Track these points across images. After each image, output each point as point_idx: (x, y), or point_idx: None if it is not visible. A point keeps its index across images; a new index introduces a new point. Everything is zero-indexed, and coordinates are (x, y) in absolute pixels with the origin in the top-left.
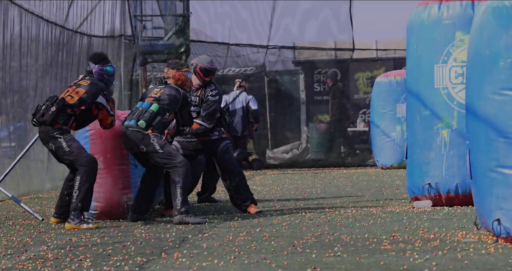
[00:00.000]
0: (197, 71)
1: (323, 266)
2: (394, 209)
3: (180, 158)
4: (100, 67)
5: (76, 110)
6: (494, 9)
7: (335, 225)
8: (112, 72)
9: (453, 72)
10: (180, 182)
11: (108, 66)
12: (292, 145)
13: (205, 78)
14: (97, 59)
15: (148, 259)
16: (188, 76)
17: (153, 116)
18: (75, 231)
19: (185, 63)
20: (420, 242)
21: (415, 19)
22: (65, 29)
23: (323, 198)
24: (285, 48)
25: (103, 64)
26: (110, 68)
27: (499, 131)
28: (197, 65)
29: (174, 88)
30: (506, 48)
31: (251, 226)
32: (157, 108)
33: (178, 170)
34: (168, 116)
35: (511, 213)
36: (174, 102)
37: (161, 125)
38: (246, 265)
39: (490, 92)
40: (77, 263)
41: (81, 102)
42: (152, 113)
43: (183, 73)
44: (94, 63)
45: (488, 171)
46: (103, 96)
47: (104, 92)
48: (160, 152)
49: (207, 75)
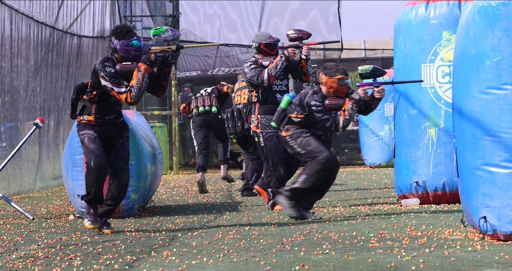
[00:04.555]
0: (263, 49)
1: (312, 263)
2: (382, 207)
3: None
4: (124, 42)
5: (89, 95)
6: (480, 8)
7: (324, 223)
8: (140, 46)
9: (440, 71)
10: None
11: (135, 40)
12: None
13: (272, 52)
14: (120, 34)
15: (138, 257)
16: (343, 83)
17: (280, 113)
18: (65, 230)
19: (342, 68)
20: (408, 239)
21: (403, 19)
22: (55, 29)
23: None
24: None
25: (127, 39)
26: (136, 42)
27: (485, 130)
28: (260, 43)
29: (312, 93)
30: (492, 48)
31: (240, 225)
32: (286, 104)
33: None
34: (296, 116)
35: (497, 211)
36: (298, 105)
37: (289, 121)
38: (235, 263)
39: (477, 91)
40: (67, 262)
41: (91, 88)
42: (280, 109)
43: (336, 80)
44: (117, 39)
45: (474, 169)
46: (103, 79)
47: (101, 75)
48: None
49: (272, 50)
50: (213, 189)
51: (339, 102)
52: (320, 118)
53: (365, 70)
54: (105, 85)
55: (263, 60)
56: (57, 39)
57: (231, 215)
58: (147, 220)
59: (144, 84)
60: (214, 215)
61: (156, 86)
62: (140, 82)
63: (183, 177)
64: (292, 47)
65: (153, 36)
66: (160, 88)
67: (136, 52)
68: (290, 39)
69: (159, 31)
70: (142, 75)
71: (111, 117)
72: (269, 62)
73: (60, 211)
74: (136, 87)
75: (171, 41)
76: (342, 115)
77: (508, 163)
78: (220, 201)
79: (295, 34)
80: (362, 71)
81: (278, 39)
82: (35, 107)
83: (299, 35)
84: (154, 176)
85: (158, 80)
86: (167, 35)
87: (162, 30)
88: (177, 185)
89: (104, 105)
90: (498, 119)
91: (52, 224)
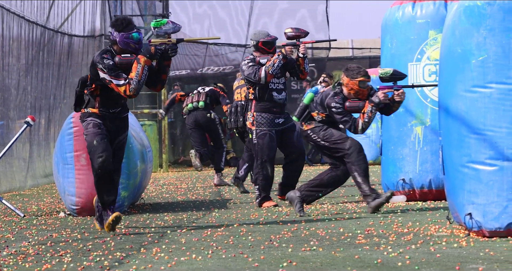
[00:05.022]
0: (260, 47)
1: (299, 260)
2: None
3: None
4: (124, 35)
5: (90, 89)
6: (465, 8)
7: (311, 220)
8: (140, 38)
9: (427, 70)
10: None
11: (135, 32)
12: None
13: (270, 50)
14: (120, 26)
15: (127, 254)
16: (365, 85)
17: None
18: (56, 227)
19: (363, 70)
20: (394, 236)
21: (390, 19)
22: (46, 29)
23: None
24: None
25: (127, 31)
26: (136, 34)
27: (471, 128)
28: (258, 41)
29: (333, 94)
30: (478, 47)
31: (229, 221)
32: (308, 100)
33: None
34: (317, 114)
35: (482, 208)
36: (319, 104)
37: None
38: (224, 259)
39: (462, 90)
40: (57, 259)
41: (91, 81)
42: (303, 105)
43: (357, 82)
44: (117, 31)
45: (460, 167)
46: (101, 71)
47: (99, 67)
48: None
49: (270, 48)
50: (202, 186)
51: (359, 105)
52: (339, 120)
53: (385, 73)
54: (103, 77)
55: (261, 58)
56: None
57: (220, 212)
58: (137, 217)
59: (144, 77)
60: (203, 212)
61: (155, 80)
62: (139, 74)
63: (173, 175)
64: (289, 45)
65: (154, 28)
66: (159, 82)
67: (136, 45)
68: (287, 38)
69: (160, 23)
70: (142, 67)
71: (117, 110)
72: (266, 60)
73: (51, 208)
74: (136, 80)
75: (171, 33)
76: (361, 118)
77: (493, 161)
78: (209, 198)
79: (292, 32)
80: (382, 75)
81: (276, 37)
82: (26, 105)
83: (297, 33)
84: (144, 173)
85: (157, 74)
86: (168, 27)
87: (163, 22)
88: (167, 182)
89: (108, 98)
90: (483, 117)
91: (43, 221)
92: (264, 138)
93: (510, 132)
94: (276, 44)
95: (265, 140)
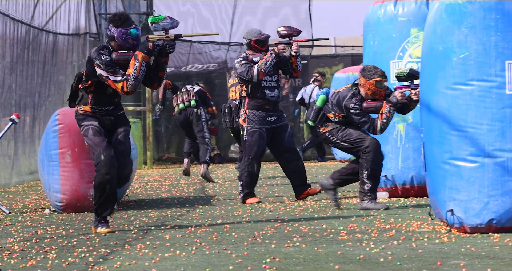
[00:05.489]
0: (253, 45)
1: (282, 256)
2: (351, 201)
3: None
4: (122, 30)
5: (84, 84)
6: (447, 6)
7: (294, 216)
8: (138, 34)
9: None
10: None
11: (133, 28)
12: None
13: (262, 48)
14: (118, 22)
15: (112, 250)
16: (382, 86)
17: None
18: (41, 224)
19: (380, 71)
20: (376, 232)
21: (372, 17)
22: (31, 27)
23: (283, 190)
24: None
25: (126, 27)
26: (134, 30)
27: (452, 124)
28: (250, 40)
29: (350, 95)
30: (459, 44)
31: (212, 218)
32: (321, 103)
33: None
34: (333, 116)
35: (463, 204)
36: (336, 105)
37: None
38: (207, 255)
39: (444, 87)
40: (42, 255)
41: (86, 77)
42: (316, 108)
43: (374, 83)
44: (115, 27)
45: (441, 163)
46: (98, 67)
47: (96, 63)
48: None
49: (263, 46)
50: (186, 183)
51: (377, 105)
52: (358, 121)
53: (402, 73)
54: (100, 74)
55: (254, 56)
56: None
57: (204, 208)
58: (121, 214)
59: (141, 73)
60: (187, 208)
61: (152, 77)
62: (137, 71)
63: (157, 172)
64: (282, 43)
65: (151, 24)
66: (156, 80)
67: (134, 41)
68: (280, 36)
69: (158, 18)
70: (140, 64)
71: (109, 108)
72: (259, 58)
73: (36, 205)
74: (133, 76)
75: (169, 29)
76: (379, 119)
77: (474, 157)
78: (193, 195)
79: (285, 31)
80: (399, 74)
81: (269, 35)
82: (11, 103)
83: (289, 32)
84: None
85: (154, 71)
86: (165, 23)
87: (160, 18)
88: (151, 179)
89: (101, 96)
90: (464, 114)
91: (28, 218)
92: (253, 135)
93: (491, 129)
94: (268, 42)
95: (254, 137)
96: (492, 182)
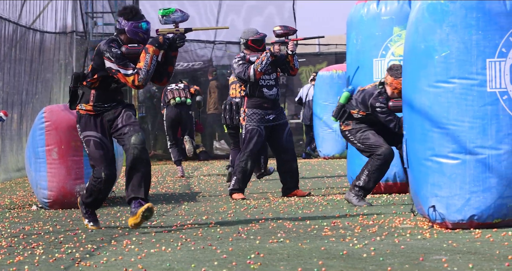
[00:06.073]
0: (250, 45)
1: (267, 252)
2: (335, 197)
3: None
4: (134, 23)
5: (90, 80)
6: (429, 5)
7: (279, 212)
8: (148, 28)
9: None
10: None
11: (143, 22)
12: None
13: (259, 48)
14: (129, 15)
15: (98, 246)
16: None
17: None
18: (28, 220)
19: None
20: (360, 228)
21: (355, 15)
22: (19, 25)
23: (267, 186)
24: (231, 44)
25: (137, 20)
26: (145, 24)
27: (434, 122)
28: (247, 40)
29: (376, 94)
30: (441, 43)
31: (198, 214)
32: (345, 100)
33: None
34: (357, 113)
35: (445, 200)
36: (361, 103)
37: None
38: (193, 251)
39: (426, 85)
40: (29, 251)
41: (92, 72)
42: (339, 105)
43: (401, 81)
44: (126, 20)
45: (423, 160)
46: (108, 60)
47: (106, 56)
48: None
49: (260, 45)
50: (172, 179)
51: None
52: (384, 119)
53: None
54: (109, 67)
55: (251, 56)
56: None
57: (189, 205)
58: (108, 210)
59: (152, 67)
60: (172, 205)
61: (162, 72)
62: (148, 64)
63: None
64: (278, 42)
65: (162, 17)
66: (165, 75)
67: (144, 35)
68: (276, 35)
69: (168, 11)
70: (151, 57)
71: (111, 104)
72: (256, 58)
73: (23, 201)
74: (144, 70)
75: (180, 22)
76: None
77: (456, 154)
78: (178, 191)
79: (281, 30)
80: None
81: (265, 34)
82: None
83: (285, 31)
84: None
85: (163, 65)
86: (176, 16)
87: (171, 11)
88: None
89: (104, 91)
90: (446, 112)
91: (16, 214)
92: (251, 132)
93: (472, 126)
94: (265, 41)
95: (251, 134)
96: (474, 178)
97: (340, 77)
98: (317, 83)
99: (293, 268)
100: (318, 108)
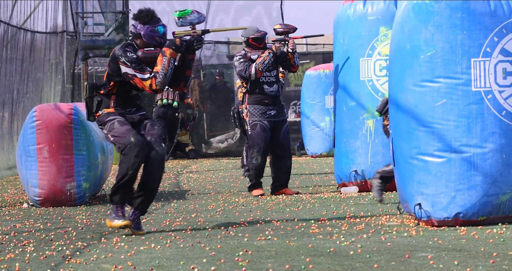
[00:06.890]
0: (251, 43)
1: (255, 249)
2: (322, 195)
3: None
4: (150, 27)
5: (107, 88)
6: (414, 5)
7: (267, 210)
8: (165, 32)
9: (378, 65)
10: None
11: (160, 25)
12: (227, 135)
13: (260, 46)
14: (145, 19)
15: (88, 243)
16: None
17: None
18: (19, 218)
19: None
20: (347, 225)
21: (342, 15)
22: (10, 25)
23: None
24: (220, 43)
25: (153, 24)
26: (161, 28)
27: (420, 121)
28: (248, 38)
29: None
30: (426, 42)
31: (187, 212)
32: None
33: None
34: None
35: (431, 198)
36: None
37: None
38: (182, 248)
39: (411, 84)
40: (20, 248)
41: (108, 78)
42: (384, 99)
43: None
44: (142, 24)
45: (409, 158)
46: (123, 65)
47: (121, 60)
48: None
49: (260, 43)
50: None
51: None
52: None
53: None
54: (126, 72)
55: (252, 54)
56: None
57: (178, 203)
58: (98, 208)
59: (170, 70)
60: (161, 202)
61: (179, 76)
62: (165, 68)
63: None
64: (278, 41)
65: (178, 19)
66: (182, 79)
67: (161, 39)
68: (277, 33)
69: (185, 13)
70: (168, 60)
71: (132, 109)
72: (257, 56)
73: (15, 199)
74: (162, 73)
75: (196, 24)
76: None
77: (441, 152)
78: (168, 189)
79: (281, 28)
80: None
81: (266, 32)
82: None
83: (285, 29)
84: (105, 165)
85: (180, 69)
86: (193, 17)
87: (187, 12)
88: None
89: (124, 96)
90: (431, 111)
91: (7, 212)
92: (255, 128)
93: (457, 125)
94: (266, 39)
95: (256, 129)
96: (459, 176)
97: (328, 76)
98: (305, 82)
99: (280, 265)
100: (306, 108)
